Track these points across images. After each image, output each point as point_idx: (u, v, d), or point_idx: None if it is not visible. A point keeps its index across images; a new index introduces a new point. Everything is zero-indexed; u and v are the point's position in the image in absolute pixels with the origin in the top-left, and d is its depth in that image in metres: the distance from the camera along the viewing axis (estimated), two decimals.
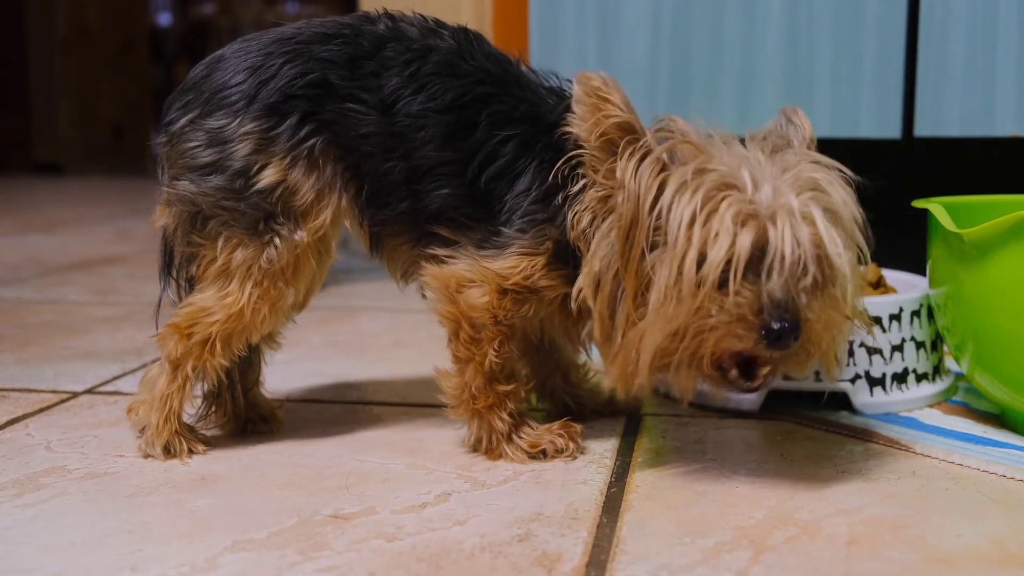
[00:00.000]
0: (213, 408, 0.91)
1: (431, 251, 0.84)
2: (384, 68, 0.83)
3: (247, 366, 0.92)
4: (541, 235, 0.81)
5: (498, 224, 0.82)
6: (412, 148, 0.82)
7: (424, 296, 0.86)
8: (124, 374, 1.13)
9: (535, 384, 0.96)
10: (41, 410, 0.99)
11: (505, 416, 0.84)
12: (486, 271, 0.81)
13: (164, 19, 5.90)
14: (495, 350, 0.83)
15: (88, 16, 5.38)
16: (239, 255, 0.83)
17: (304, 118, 0.82)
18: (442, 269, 0.83)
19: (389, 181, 0.83)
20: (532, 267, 0.81)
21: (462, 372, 0.84)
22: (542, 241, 0.81)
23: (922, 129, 1.33)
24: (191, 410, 0.89)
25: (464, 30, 0.86)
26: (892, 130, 1.35)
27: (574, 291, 0.79)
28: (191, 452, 0.85)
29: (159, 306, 0.90)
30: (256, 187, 0.81)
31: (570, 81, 0.86)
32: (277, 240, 0.83)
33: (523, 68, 0.86)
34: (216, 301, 0.83)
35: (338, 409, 1.01)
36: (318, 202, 0.83)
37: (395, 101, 0.82)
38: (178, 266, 0.88)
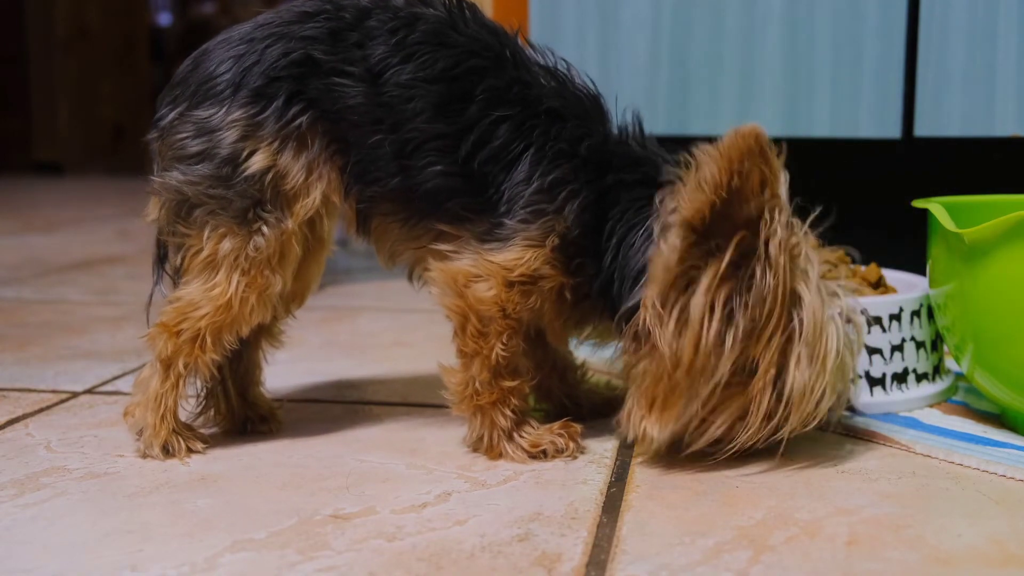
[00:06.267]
0: (211, 408, 0.91)
1: (435, 247, 0.83)
2: (368, 38, 0.82)
3: (249, 365, 0.92)
4: (547, 226, 0.81)
5: (499, 215, 0.81)
6: (402, 120, 0.81)
7: (424, 285, 0.86)
8: (124, 374, 1.13)
9: (534, 384, 0.96)
10: (41, 410, 0.99)
11: (508, 412, 0.84)
12: (490, 265, 0.81)
13: (164, 19, 5.91)
14: (503, 344, 0.82)
15: (88, 16, 5.39)
16: (226, 244, 0.82)
17: (290, 98, 0.81)
18: (448, 265, 0.83)
19: (378, 155, 0.82)
20: (536, 258, 0.81)
21: (467, 367, 0.84)
22: (547, 233, 0.81)
23: (922, 129, 1.33)
24: (190, 410, 0.89)
25: None
26: (892, 130, 1.35)
27: (643, 314, 0.78)
28: (190, 451, 0.85)
29: (151, 300, 0.89)
30: (245, 173, 0.81)
31: (565, 60, 0.85)
32: (265, 228, 0.82)
33: (519, 42, 0.85)
34: (202, 294, 0.83)
35: (338, 409, 1.01)
36: (307, 180, 0.82)
37: (382, 71, 0.81)
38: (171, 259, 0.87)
